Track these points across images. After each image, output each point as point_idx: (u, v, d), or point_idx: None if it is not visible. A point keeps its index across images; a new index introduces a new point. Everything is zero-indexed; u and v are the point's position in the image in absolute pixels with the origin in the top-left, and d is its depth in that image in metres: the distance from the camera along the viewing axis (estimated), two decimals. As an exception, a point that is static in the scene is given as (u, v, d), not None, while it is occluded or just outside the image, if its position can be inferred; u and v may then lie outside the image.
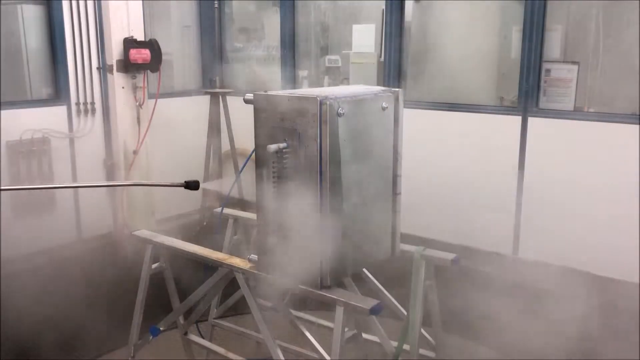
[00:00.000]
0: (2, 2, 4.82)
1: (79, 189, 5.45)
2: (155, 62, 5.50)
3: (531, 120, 4.62)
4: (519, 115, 4.66)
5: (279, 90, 2.34)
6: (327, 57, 5.94)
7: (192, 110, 6.14)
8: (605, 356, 3.65)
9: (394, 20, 5.23)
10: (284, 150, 2.15)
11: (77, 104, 5.38)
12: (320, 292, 2.19)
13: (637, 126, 4.11)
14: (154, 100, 5.65)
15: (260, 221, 2.33)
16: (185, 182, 2.28)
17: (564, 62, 4.65)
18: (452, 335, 3.83)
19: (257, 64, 6.52)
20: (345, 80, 5.79)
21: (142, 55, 5.39)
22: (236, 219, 3.19)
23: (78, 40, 5.29)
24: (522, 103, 4.64)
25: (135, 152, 5.65)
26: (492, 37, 5.08)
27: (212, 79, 6.13)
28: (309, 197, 2.12)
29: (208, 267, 2.78)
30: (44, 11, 5.19)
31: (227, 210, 3.20)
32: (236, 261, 2.54)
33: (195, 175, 5.92)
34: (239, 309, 3.53)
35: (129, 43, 5.42)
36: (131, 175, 5.68)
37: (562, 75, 4.61)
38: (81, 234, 5.52)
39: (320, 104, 2.04)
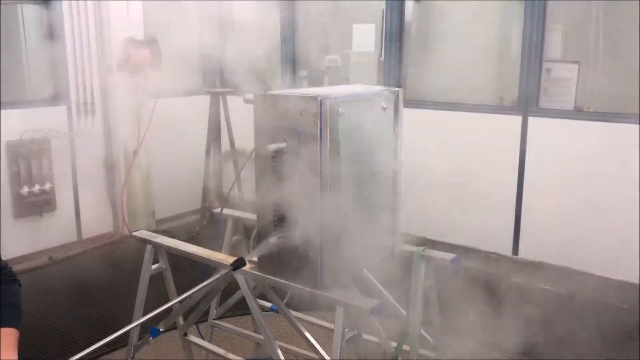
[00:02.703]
0: (2, 2, 4.82)
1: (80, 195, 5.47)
2: (156, 61, 5.50)
3: (531, 120, 4.62)
4: (519, 115, 4.66)
5: (279, 90, 2.34)
6: (327, 57, 5.94)
7: (192, 110, 6.14)
8: (605, 356, 3.65)
9: (394, 20, 5.23)
10: (283, 150, 2.15)
11: (77, 104, 5.38)
12: (320, 292, 2.18)
13: (637, 126, 4.11)
14: (154, 100, 5.65)
15: (260, 221, 2.33)
16: (231, 264, 2.29)
17: (564, 61, 4.65)
18: (450, 335, 3.83)
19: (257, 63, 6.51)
20: (345, 80, 5.79)
21: (142, 55, 5.40)
22: (236, 219, 3.19)
23: (78, 40, 5.29)
24: (522, 103, 4.64)
25: (135, 152, 5.65)
26: (492, 37, 5.08)
27: (212, 79, 6.13)
28: (308, 196, 2.12)
29: (207, 267, 2.78)
30: (44, 11, 5.20)
31: (227, 210, 3.19)
32: (236, 261, 2.54)
33: (195, 175, 5.97)
34: (238, 310, 3.53)
35: (129, 43, 5.42)
36: (131, 175, 5.68)
37: (562, 75, 4.60)
38: (81, 234, 5.53)
39: (320, 103, 2.03)
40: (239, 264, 2.35)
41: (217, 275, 2.38)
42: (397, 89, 2.42)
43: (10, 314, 1.84)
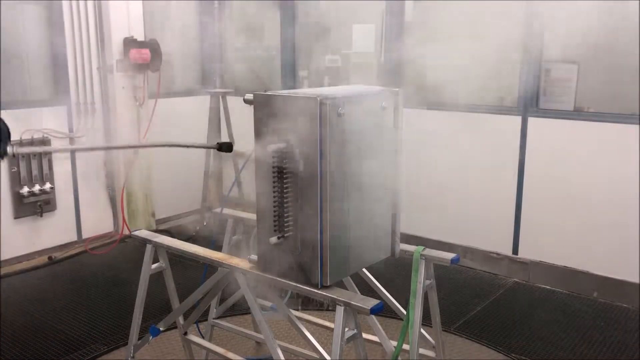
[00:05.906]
0: (2, 1, 4.81)
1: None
2: (155, 62, 5.50)
3: (531, 120, 4.62)
4: (519, 115, 4.67)
5: (279, 90, 2.33)
6: (327, 57, 5.93)
7: (192, 110, 6.14)
8: (605, 355, 3.65)
9: (394, 20, 5.23)
10: (283, 150, 2.15)
11: (77, 104, 5.38)
12: (320, 292, 2.18)
13: (637, 126, 4.11)
14: (154, 100, 5.65)
15: (260, 221, 2.33)
16: (217, 143, 2.38)
17: (563, 62, 4.65)
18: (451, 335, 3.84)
19: (257, 63, 6.53)
20: (345, 80, 5.79)
21: (142, 55, 5.40)
22: (236, 219, 3.19)
23: (78, 40, 5.29)
24: (522, 103, 4.64)
25: (135, 152, 5.65)
26: (492, 37, 5.07)
27: (212, 78, 6.13)
28: (308, 197, 2.12)
29: (207, 266, 2.78)
30: (44, 11, 5.20)
31: (226, 211, 3.20)
32: (236, 261, 2.54)
33: (195, 175, 5.98)
34: (238, 309, 3.53)
35: (129, 43, 5.42)
36: (131, 175, 5.69)
37: (562, 75, 4.61)
38: (81, 234, 5.53)
39: (320, 104, 2.03)
40: (225, 146, 2.34)
41: (217, 275, 2.38)
42: (397, 89, 2.42)
43: None
